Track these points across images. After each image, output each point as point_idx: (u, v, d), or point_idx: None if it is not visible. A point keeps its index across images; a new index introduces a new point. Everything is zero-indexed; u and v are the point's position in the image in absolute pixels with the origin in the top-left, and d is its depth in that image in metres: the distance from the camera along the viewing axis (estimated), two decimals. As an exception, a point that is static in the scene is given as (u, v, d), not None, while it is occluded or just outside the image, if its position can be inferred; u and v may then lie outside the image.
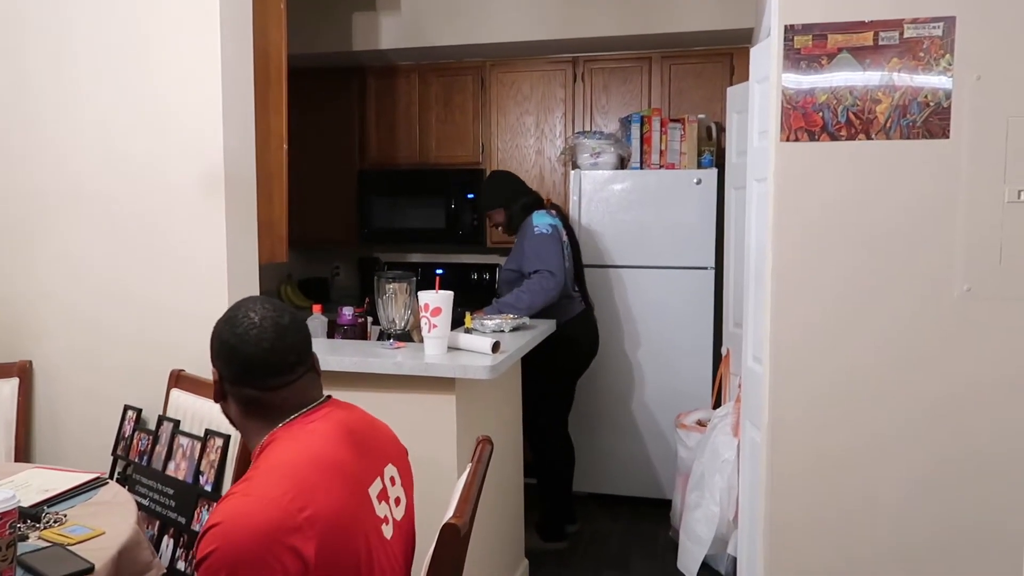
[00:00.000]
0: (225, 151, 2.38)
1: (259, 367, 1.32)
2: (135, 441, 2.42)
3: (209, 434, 2.15)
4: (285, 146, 2.77)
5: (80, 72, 2.52)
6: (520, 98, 4.39)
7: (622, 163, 3.94)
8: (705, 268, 3.77)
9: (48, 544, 1.60)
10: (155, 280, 2.51)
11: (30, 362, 2.60)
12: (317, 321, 2.64)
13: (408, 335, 2.65)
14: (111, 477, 2.40)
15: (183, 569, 2.05)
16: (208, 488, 2.09)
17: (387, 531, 1.34)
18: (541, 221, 3.21)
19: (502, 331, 2.68)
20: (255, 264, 2.56)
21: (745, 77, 4.01)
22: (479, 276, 4.72)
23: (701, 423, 3.25)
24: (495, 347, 2.30)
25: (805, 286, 2.13)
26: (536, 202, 3.40)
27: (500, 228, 3.47)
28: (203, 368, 2.36)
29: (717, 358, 3.81)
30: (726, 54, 4.09)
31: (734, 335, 3.35)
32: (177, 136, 2.42)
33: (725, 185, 3.47)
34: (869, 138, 1.96)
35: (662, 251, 3.81)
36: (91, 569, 1.51)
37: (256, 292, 2.56)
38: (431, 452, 2.27)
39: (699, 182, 3.75)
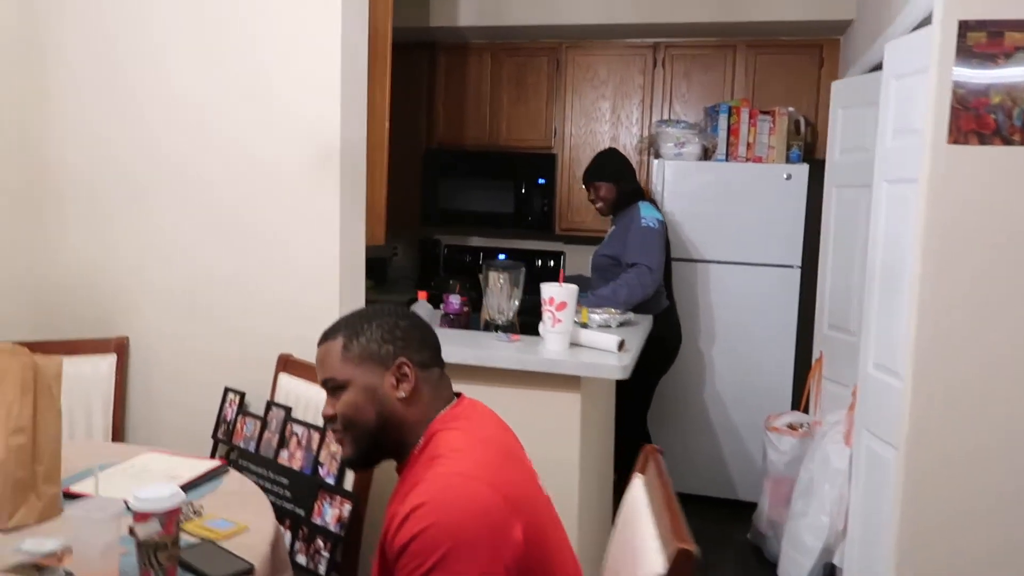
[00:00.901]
0: (342, 133, 2.29)
1: (435, 345, 1.38)
2: (239, 426, 2.35)
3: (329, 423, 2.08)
4: (387, 124, 2.68)
5: (175, 48, 2.41)
6: (597, 82, 4.28)
7: (705, 154, 3.84)
8: (791, 267, 3.67)
9: (198, 540, 1.53)
10: (258, 266, 2.41)
11: (127, 338, 2.53)
12: (424, 308, 2.56)
13: (514, 326, 2.56)
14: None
15: (304, 563, 1.99)
16: (330, 481, 2.02)
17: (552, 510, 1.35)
18: (649, 214, 3.12)
19: (609, 327, 2.60)
20: (363, 248, 2.47)
21: (834, 70, 3.90)
22: (543, 263, 4.63)
23: (792, 427, 3.17)
24: (621, 345, 2.22)
25: (957, 295, 2.03)
26: (641, 191, 3.31)
27: (600, 205, 3.32)
28: (311, 355, 2.30)
29: (800, 359, 3.72)
30: (815, 45, 3.96)
31: (830, 338, 3.27)
32: (287, 117, 2.32)
33: (825, 183, 3.35)
34: (1047, 144, 1.85)
35: (746, 247, 3.72)
36: (251, 569, 1.44)
37: (363, 276, 2.48)
38: (553, 452, 2.19)
39: (789, 177, 3.64)
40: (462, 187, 4.45)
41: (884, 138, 2.45)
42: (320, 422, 2.11)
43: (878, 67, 2.99)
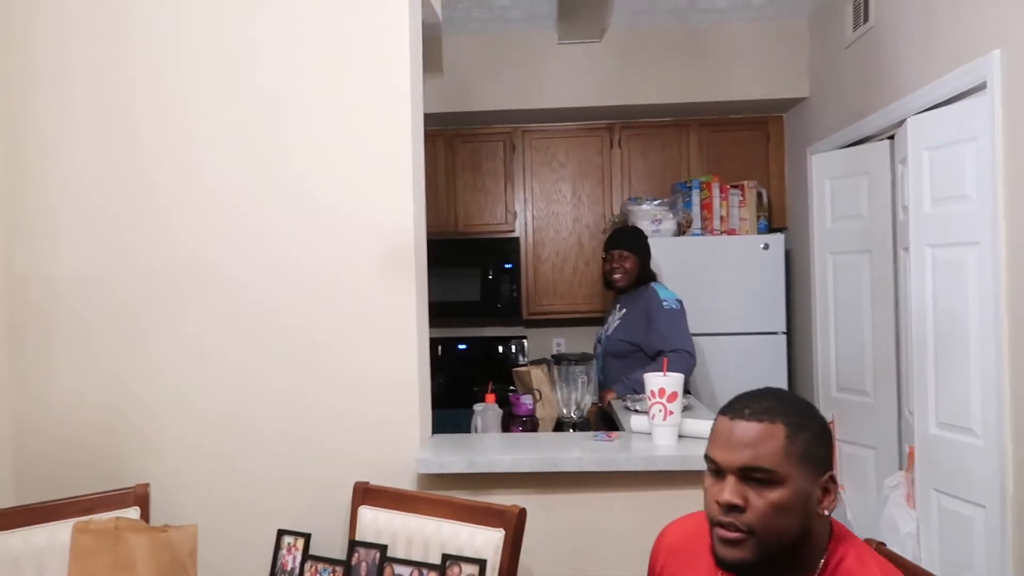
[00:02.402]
0: (415, 229, 2.08)
1: None
2: (308, 574, 2.00)
3: (451, 560, 1.80)
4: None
5: (210, 147, 2.12)
6: (555, 164, 4.27)
7: (680, 230, 3.89)
8: (776, 333, 3.75)
9: None
10: (316, 388, 2.09)
11: (147, 485, 2.11)
12: (492, 412, 2.34)
13: (588, 423, 2.40)
14: (273, 622, 1.98)
15: None
16: (467, 629, 1.74)
17: None
18: (668, 296, 3.04)
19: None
20: (428, 355, 2.23)
21: (780, 144, 4.13)
22: (505, 349, 4.48)
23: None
24: (733, 432, 2.11)
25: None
26: (654, 274, 3.25)
27: (618, 276, 3.16)
28: (391, 481, 2.02)
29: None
30: (762, 122, 4.18)
31: (840, 401, 3.32)
32: (354, 216, 2.08)
33: (816, 250, 3.47)
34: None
35: (731, 317, 3.76)
36: None
37: (429, 388, 2.23)
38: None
39: (767, 247, 3.75)
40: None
41: (920, 205, 2.56)
42: (433, 558, 1.83)
43: (859, 141, 3.19)
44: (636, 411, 2.43)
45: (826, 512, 1.10)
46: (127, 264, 2.13)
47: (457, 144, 4.29)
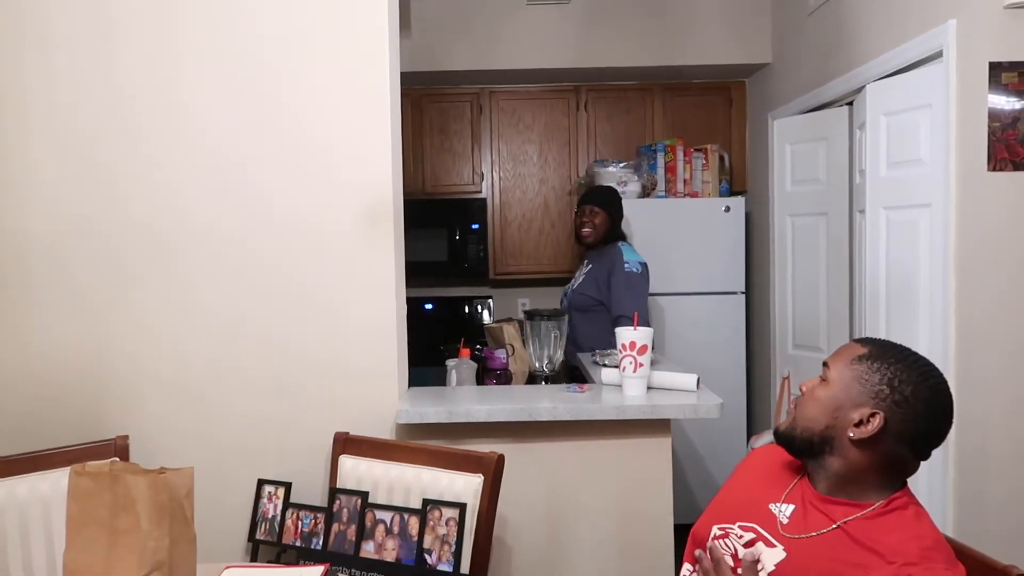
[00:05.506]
0: (393, 187, 2.12)
1: (937, 439, 1.23)
2: (290, 521, 2.05)
3: (431, 504, 1.87)
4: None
5: (204, 106, 2.12)
6: (522, 126, 4.30)
7: (644, 191, 3.97)
8: (736, 293, 3.87)
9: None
10: (294, 340, 2.13)
11: (127, 437, 2.14)
12: (467, 366, 2.40)
13: (558, 375, 2.48)
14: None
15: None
16: (447, 567, 1.82)
17: None
18: (632, 258, 3.10)
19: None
20: (405, 308, 2.28)
21: (742, 110, 4.21)
22: (471, 308, 4.54)
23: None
24: (698, 382, 2.21)
25: (990, 302, 2.23)
26: (624, 234, 3.32)
27: (587, 231, 3.24)
28: (372, 432, 2.08)
29: (752, 379, 3.91)
30: (724, 88, 4.26)
31: (795, 357, 3.47)
32: (334, 174, 2.10)
33: (775, 212, 3.58)
34: (1067, 168, 2.11)
35: (694, 278, 3.87)
36: None
37: (406, 342, 2.28)
38: (644, 501, 2.14)
39: (728, 210, 3.86)
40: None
41: (876, 169, 2.67)
42: (414, 504, 1.90)
43: (819, 107, 3.29)
44: (605, 365, 2.52)
45: (851, 435, 1.21)
46: (113, 215, 2.12)
47: (424, 104, 4.28)
